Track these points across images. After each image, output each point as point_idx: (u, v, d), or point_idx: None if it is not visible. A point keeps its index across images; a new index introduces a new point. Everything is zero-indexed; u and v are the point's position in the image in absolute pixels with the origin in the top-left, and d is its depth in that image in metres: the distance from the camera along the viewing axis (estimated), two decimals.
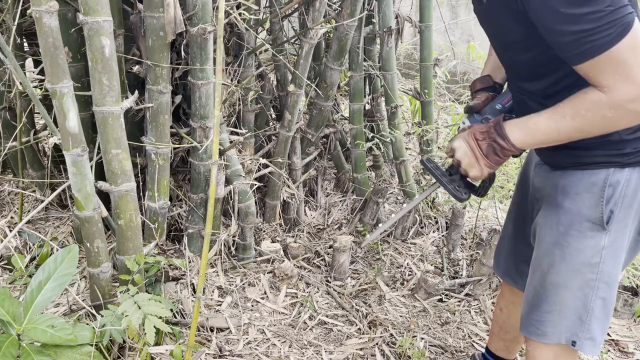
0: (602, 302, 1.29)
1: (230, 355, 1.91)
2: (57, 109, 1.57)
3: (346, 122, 3.11)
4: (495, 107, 1.47)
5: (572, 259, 1.28)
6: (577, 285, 1.29)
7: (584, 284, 1.28)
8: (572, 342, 1.31)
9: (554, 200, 1.30)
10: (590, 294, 1.28)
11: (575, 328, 1.31)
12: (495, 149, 1.24)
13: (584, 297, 1.29)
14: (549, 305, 1.33)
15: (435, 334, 2.14)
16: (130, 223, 1.80)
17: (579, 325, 1.30)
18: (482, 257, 2.40)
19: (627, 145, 1.17)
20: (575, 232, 1.26)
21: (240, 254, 2.42)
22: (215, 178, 1.51)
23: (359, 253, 2.68)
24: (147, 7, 1.84)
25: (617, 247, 1.26)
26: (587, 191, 1.24)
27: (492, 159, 1.26)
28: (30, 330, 1.46)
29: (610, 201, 1.22)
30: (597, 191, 1.22)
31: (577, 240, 1.26)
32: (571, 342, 1.31)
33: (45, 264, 1.60)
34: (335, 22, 2.46)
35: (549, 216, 1.32)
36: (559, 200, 1.28)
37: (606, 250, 1.25)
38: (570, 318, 1.31)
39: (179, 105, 2.26)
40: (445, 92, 4.82)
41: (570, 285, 1.30)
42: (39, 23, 1.46)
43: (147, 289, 1.98)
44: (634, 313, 2.38)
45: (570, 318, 1.31)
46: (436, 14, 3.11)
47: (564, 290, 1.30)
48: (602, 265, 1.26)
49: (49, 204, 2.48)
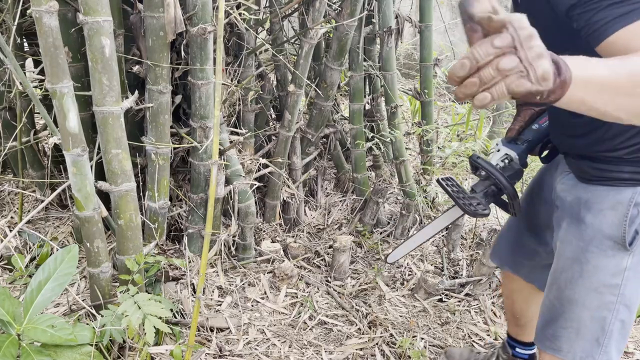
0: (620, 325, 1.24)
1: (230, 355, 1.91)
2: (57, 109, 1.57)
3: (346, 122, 3.11)
4: (532, 128, 1.44)
5: (590, 277, 1.23)
6: (595, 306, 1.25)
7: (602, 305, 1.23)
8: None
9: (576, 215, 1.26)
10: (609, 317, 1.23)
11: (591, 349, 1.26)
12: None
13: (602, 320, 1.24)
14: (565, 321, 1.29)
15: (435, 334, 2.14)
16: (130, 223, 1.80)
17: (596, 347, 1.26)
18: (482, 257, 2.40)
19: None
20: (596, 249, 1.22)
21: (240, 254, 2.42)
22: (215, 178, 1.51)
23: (359, 253, 2.68)
24: (147, 7, 1.84)
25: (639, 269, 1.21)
26: (611, 209, 1.19)
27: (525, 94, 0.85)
28: (30, 330, 1.46)
29: (635, 221, 1.17)
30: (622, 210, 1.17)
31: (596, 258, 1.22)
32: None
33: (45, 264, 1.60)
34: (335, 22, 2.46)
35: (570, 230, 1.28)
36: (582, 215, 1.24)
37: (629, 272, 1.20)
38: (587, 339, 1.27)
39: (179, 105, 2.26)
40: (445, 92, 4.82)
41: (587, 304, 1.25)
42: (39, 23, 1.46)
43: (147, 289, 1.98)
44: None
45: (587, 339, 1.27)
46: (436, 14, 3.11)
47: (581, 309, 1.26)
48: (624, 288, 1.21)
49: (49, 204, 2.48)
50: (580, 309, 1.26)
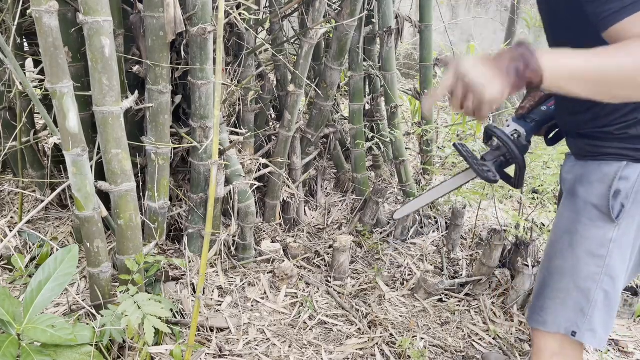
0: (604, 295, 1.30)
1: (230, 355, 1.91)
2: (57, 109, 1.57)
3: (346, 122, 3.11)
4: (541, 109, 1.52)
5: (579, 247, 1.30)
6: (581, 276, 1.30)
7: (588, 276, 1.29)
8: (572, 332, 1.32)
9: (571, 189, 1.34)
10: (594, 287, 1.29)
11: (576, 318, 1.32)
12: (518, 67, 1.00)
13: (587, 290, 1.30)
14: (552, 291, 1.35)
15: (435, 334, 2.14)
16: (130, 223, 1.80)
17: (580, 316, 1.31)
18: (482, 257, 2.40)
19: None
20: (586, 220, 1.28)
21: (240, 254, 2.42)
22: (215, 178, 1.51)
23: (359, 253, 2.68)
24: (147, 7, 1.84)
25: (625, 242, 1.27)
26: (599, 181, 1.26)
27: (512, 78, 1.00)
28: (30, 330, 1.46)
29: (621, 194, 1.23)
30: (607, 182, 1.24)
31: (585, 229, 1.29)
32: (571, 332, 1.33)
33: (45, 264, 1.60)
34: (335, 22, 2.46)
35: (565, 204, 1.36)
36: (575, 189, 1.32)
37: (614, 244, 1.26)
38: (572, 309, 1.32)
39: (179, 105, 2.26)
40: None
41: (573, 274, 1.31)
42: (39, 23, 1.47)
43: (147, 289, 1.98)
44: (634, 313, 2.38)
45: (572, 309, 1.32)
46: (436, 14, 3.12)
47: (568, 279, 1.32)
48: (608, 259, 1.27)
49: (49, 204, 2.48)
50: (567, 279, 1.33)
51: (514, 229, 2.47)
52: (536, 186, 2.42)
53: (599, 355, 2.12)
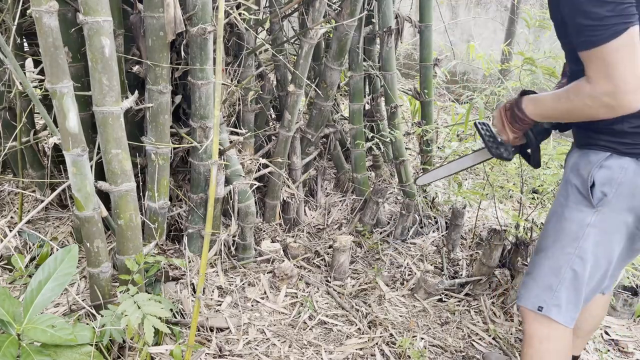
0: (573, 274, 1.39)
1: (230, 355, 1.91)
2: (57, 109, 1.57)
3: (346, 122, 3.11)
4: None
5: (561, 229, 1.41)
6: (556, 255, 1.41)
7: (562, 256, 1.40)
8: (538, 307, 1.43)
9: (566, 176, 1.45)
10: (565, 267, 1.40)
11: (544, 295, 1.43)
12: (516, 118, 1.46)
13: (558, 269, 1.41)
14: (532, 268, 1.47)
15: (435, 334, 2.15)
16: (130, 223, 1.80)
17: (548, 292, 1.43)
18: (482, 257, 2.40)
19: (628, 136, 1.30)
20: (572, 204, 1.39)
21: (240, 254, 2.42)
22: (215, 178, 1.51)
23: (359, 253, 2.68)
24: (147, 7, 1.84)
25: (604, 230, 1.35)
26: (584, 168, 1.37)
27: (514, 125, 1.48)
28: (30, 330, 1.46)
29: (604, 183, 1.32)
30: (589, 168, 1.35)
31: (569, 211, 1.40)
32: (537, 307, 1.43)
33: (45, 263, 1.60)
34: (335, 22, 2.46)
35: (560, 189, 1.47)
36: (569, 174, 1.43)
37: (590, 229, 1.36)
38: (541, 286, 1.44)
39: (179, 105, 2.26)
40: (445, 92, 4.82)
41: (550, 254, 1.42)
42: (39, 23, 1.47)
43: (147, 289, 1.98)
44: (634, 313, 2.38)
45: (541, 286, 1.44)
46: (436, 14, 3.12)
47: (545, 258, 1.44)
48: (583, 242, 1.37)
49: (49, 204, 2.48)
50: (544, 258, 1.45)
51: (514, 229, 2.47)
52: (536, 186, 2.42)
53: (599, 355, 2.12)
